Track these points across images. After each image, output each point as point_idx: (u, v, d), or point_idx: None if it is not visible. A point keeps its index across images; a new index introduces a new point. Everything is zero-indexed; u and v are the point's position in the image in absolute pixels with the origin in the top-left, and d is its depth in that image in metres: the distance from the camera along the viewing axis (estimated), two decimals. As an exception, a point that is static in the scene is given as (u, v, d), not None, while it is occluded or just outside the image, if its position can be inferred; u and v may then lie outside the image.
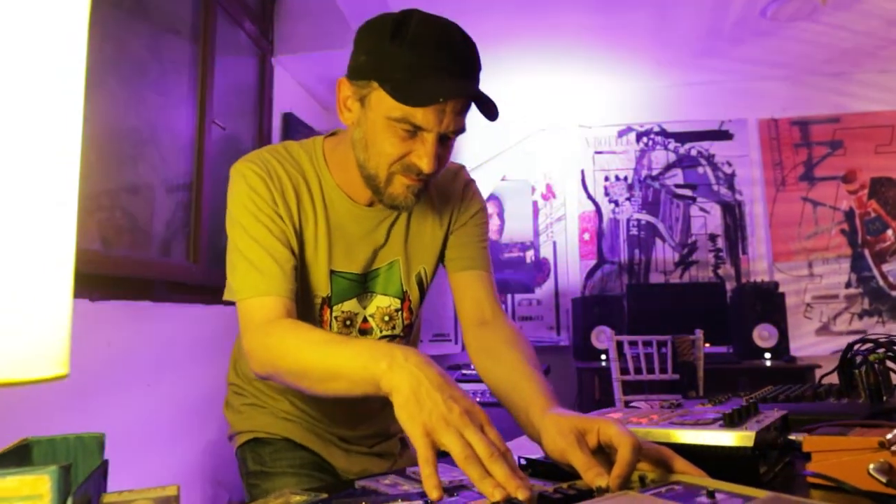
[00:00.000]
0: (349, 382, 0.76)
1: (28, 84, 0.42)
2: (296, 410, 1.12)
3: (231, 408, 1.20)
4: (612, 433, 0.68)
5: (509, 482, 0.60)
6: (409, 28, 0.84)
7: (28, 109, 0.42)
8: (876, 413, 0.93)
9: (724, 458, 0.71)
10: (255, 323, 0.89)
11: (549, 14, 3.17)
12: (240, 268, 0.93)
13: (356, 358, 0.75)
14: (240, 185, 0.95)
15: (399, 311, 1.08)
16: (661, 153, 4.10)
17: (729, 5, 3.09)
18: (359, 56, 0.89)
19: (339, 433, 1.14)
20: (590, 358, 3.52)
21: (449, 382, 0.70)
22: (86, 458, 0.69)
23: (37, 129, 0.42)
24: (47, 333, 0.43)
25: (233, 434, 1.18)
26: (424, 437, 0.64)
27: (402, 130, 0.87)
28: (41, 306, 0.43)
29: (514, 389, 0.86)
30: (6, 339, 0.40)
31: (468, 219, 1.11)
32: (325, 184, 1.01)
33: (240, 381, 1.18)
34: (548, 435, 0.73)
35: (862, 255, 3.88)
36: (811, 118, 3.99)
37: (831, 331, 3.83)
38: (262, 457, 1.11)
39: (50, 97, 0.43)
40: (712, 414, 0.81)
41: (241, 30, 3.19)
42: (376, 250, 1.05)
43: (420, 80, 0.83)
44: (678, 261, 4.02)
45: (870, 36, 3.45)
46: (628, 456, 0.65)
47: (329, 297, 1.02)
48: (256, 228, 0.93)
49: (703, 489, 0.59)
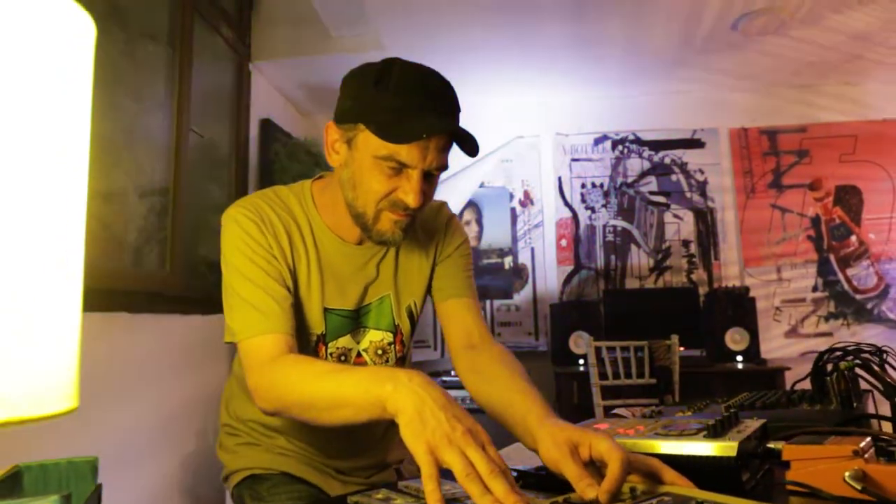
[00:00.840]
0: (355, 408, 0.79)
1: (40, 96, 0.43)
2: (291, 445, 1.14)
3: (225, 449, 1.21)
4: (603, 448, 0.71)
5: (508, 498, 0.63)
6: (392, 75, 0.90)
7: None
8: (847, 420, 0.98)
9: (709, 468, 0.75)
10: (259, 361, 0.91)
11: (526, 26, 3.22)
12: (238, 309, 0.94)
13: (360, 383, 0.78)
14: (233, 230, 0.98)
15: (392, 345, 1.12)
16: (635, 161, 4.18)
17: (701, 19, 3.18)
18: (345, 102, 0.95)
19: (335, 465, 1.16)
20: (568, 363, 3.57)
21: (451, 402, 0.73)
22: (78, 484, 0.68)
23: (47, 166, 0.43)
24: (58, 366, 0.44)
25: (228, 474, 1.19)
26: (428, 454, 0.67)
27: (388, 168, 0.91)
28: (51, 339, 0.44)
29: (510, 405, 0.89)
30: (18, 375, 0.41)
31: (453, 250, 1.15)
32: (315, 225, 1.05)
33: (233, 422, 1.19)
34: (544, 445, 0.77)
35: (828, 259, 4.01)
36: (779, 128, 4.11)
37: (799, 333, 3.95)
38: (259, 493, 1.12)
39: (59, 113, 0.44)
40: (696, 424, 0.84)
41: (219, 35, 3.17)
42: (367, 286, 1.08)
43: (404, 119, 0.89)
44: (653, 266, 4.10)
45: (834, 50, 3.58)
46: (617, 471, 0.68)
47: (324, 335, 1.05)
48: (252, 270, 0.96)
49: (692, 500, 0.62)
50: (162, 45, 2.70)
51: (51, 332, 0.44)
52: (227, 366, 3.03)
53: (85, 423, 1.91)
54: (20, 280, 0.41)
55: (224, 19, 3.21)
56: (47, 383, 0.44)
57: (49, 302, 0.44)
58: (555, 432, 0.77)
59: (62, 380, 0.46)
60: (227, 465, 1.20)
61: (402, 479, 1.27)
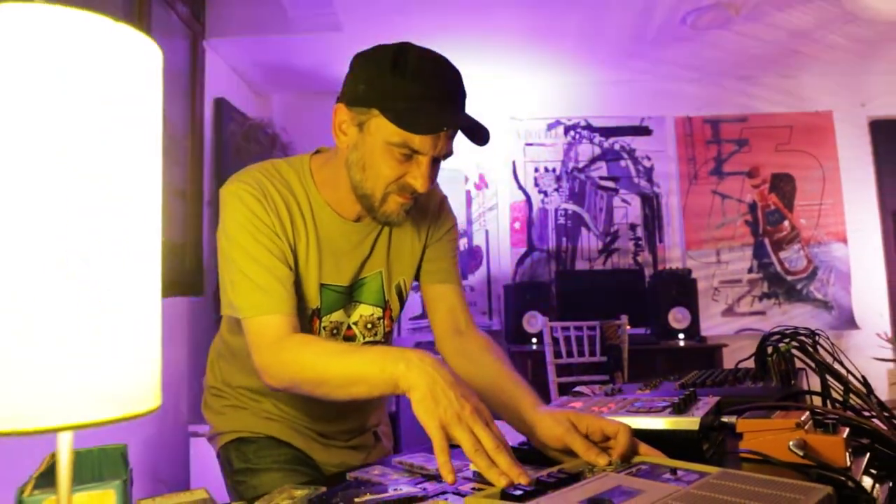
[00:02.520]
0: (368, 385, 0.85)
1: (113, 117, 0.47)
2: (277, 410, 1.18)
3: (210, 409, 1.24)
4: (603, 423, 0.82)
5: (511, 470, 0.71)
6: (408, 61, 0.92)
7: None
8: (787, 395, 1.11)
9: (675, 440, 0.85)
10: (266, 341, 0.95)
11: (484, 13, 3.27)
12: (243, 286, 0.97)
13: (373, 363, 0.84)
14: (236, 206, 0.99)
15: (381, 319, 1.16)
16: (586, 147, 4.32)
17: (653, 12, 3.31)
18: (357, 84, 0.96)
19: (318, 429, 1.21)
20: (521, 342, 3.71)
21: (459, 382, 0.80)
22: (110, 469, 0.72)
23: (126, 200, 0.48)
24: (147, 369, 0.49)
25: (214, 434, 1.22)
26: (440, 429, 0.75)
27: (399, 154, 0.95)
28: (141, 345, 0.49)
29: (501, 391, 0.98)
30: (120, 377, 0.46)
31: (443, 234, 1.20)
32: (314, 201, 1.07)
33: (218, 384, 1.22)
34: (544, 425, 0.86)
35: (763, 243, 4.27)
36: (722, 117, 4.32)
37: (735, 312, 4.21)
38: (246, 455, 1.16)
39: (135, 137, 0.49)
40: (661, 402, 0.95)
41: (173, 11, 3.09)
42: (362, 262, 1.12)
43: (422, 110, 0.92)
44: (601, 248, 4.28)
45: (774, 45, 3.78)
46: (626, 439, 0.79)
47: (319, 309, 1.09)
48: (257, 249, 0.98)
49: (666, 468, 0.72)
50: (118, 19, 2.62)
51: (143, 343, 0.49)
52: (188, 349, 3.02)
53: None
54: (136, 304, 0.46)
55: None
56: (145, 385, 0.49)
57: (142, 316, 0.49)
58: (554, 414, 0.87)
59: (153, 383, 0.51)
60: (213, 426, 1.23)
61: (378, 441, 1.33)
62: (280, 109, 4.27)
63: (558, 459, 0.86)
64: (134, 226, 0.48)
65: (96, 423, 0.46)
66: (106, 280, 0.46)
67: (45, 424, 0.44)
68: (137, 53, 0.50)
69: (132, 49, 0.49)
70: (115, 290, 0.47)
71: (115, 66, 0.48)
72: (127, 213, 0.48)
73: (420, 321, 3.98)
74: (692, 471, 0.70)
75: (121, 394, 0.47)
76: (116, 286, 0.47)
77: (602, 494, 0.62)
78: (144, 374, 0.49)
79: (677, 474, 0.69)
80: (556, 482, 0.68)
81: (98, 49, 0.47)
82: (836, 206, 4.27)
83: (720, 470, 0.69)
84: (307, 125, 4.21)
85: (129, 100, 0.49)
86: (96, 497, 0.58)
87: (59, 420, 0.44)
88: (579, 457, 0.80)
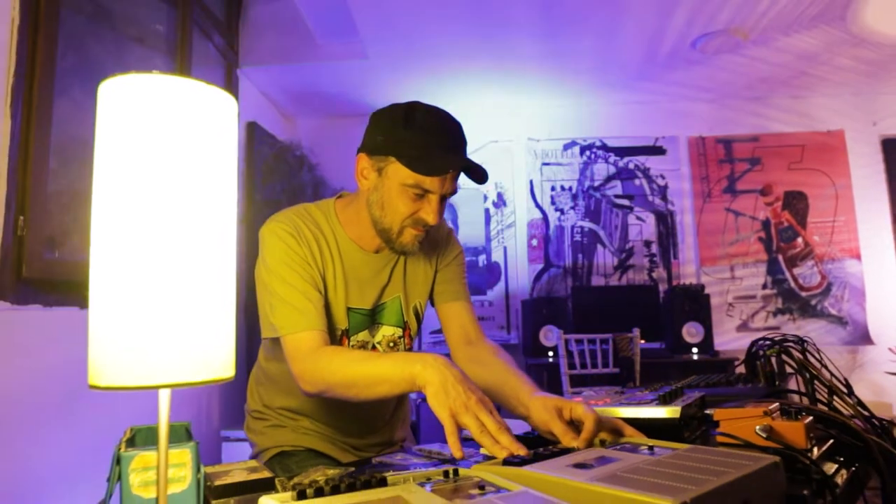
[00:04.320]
0: (391, 384, 1.01)
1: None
2: (314, 426, 1.34)
3: (253, 431, 1.39)
4: (580, 411, 0.95)
5: (512, 446, 0.86)
6: (417, 116, 1.11)
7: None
8: (770, 393, 1.23)
9: (659, 426, 0.98)
10: (302, 353, 1.11)
11: (503, 40, 3.45)
12: (281, 309, 1.14)
13: (395, 365, 1.00)
14: (274, 242, 1.17)
15: (401, 338, 1.33)
16: (602, 166, 4.45)
17: (663, 37, 3.45)
18: (375, 137, 1.15)
19: (350, 442, 1.36)
20: (538, 355, 3.82)
21: (466, 378, 0.95)
22: (177, 439, 0.87)
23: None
24: (225, 346, 0.65)
25: (259, 452, 1.37)
26: (450, 417, 0.90)
27: (413, 194, 1.13)
28: (222, 328, 0.64)
29: (504, 384, 1.14)
30: (213, 351, 0.62)
31: (451, 259, 1.38)
32: (339, 237, 1.25)
33: (259, 408, 1.38)
34: (535, 410, 1.00)
35: (776, 260, 4.35)
36: (734, 137, 4.43)
37: (749, 327, 4.28)
38: (289, 465, 1.30)
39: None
40: (650, 395, 1.07)
41: (210, 42, 3.31)
42: (382, 288, 1.29)
43: (431, 156, 1.10)
44: (617, 265, 4.39)
45: (784, 67, 3.90)
46: (591, 426, 0.92)
47: (347, 330, 1.25)
48: (293, 276, 1.15)
49: (645, 446, 0.85)
50: (161, 53, 2.84)
51: (224, 325, 0.64)
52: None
53: (114, 401, 2.07)
54: (218, 296, 0.61)
55: (216, 27, 3.35)
56: (224, 358, 0.64)
57: (224, 307, 0.64)
58: (544, 401, 1.00)
59: (230, 358, 0.66)
60: (257, 445, 1.39)
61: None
62: (306, 132, 4.48)
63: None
64: (222, 242, 0.64)
65: (188, 384, 0.61)
66: (201, 280, 0.62)
67: (146, 381, 0.59)
68: (222, 106, 0.66)
69: (218, 102, 0.65)
70: (207, 287, 0.62)
71: (207, 116, 0.64)
72: (220, 230, 0.63)
73: (439, 335, 4.12)
74: (667, 448, 0.83)
75: (208, 362, 0.62)
76: (208, 285, 0.62)
77: (585, 461, 0.76)
78: (224, 349, 0.64)
79: (654, 450, 0.82)
80: (550, 454, 0.81)
81: (195, 104, 0.63)
82: (849, 223, 4.33)
83: (690, 446, 0.82)
84: (333, 147, 4.42)
85: (217, 138, 0.65)
86: (177, 454, 0.73)
87: (161, 380, 0.60)
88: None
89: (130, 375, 0.58)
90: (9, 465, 1.74)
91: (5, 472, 1.73)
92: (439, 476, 0.71)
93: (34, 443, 1.83)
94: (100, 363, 0.59)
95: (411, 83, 4.01)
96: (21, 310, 1.82)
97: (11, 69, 1.83)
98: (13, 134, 1.81)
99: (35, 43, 1.91)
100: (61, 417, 1.94)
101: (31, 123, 1.88)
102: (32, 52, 1.90)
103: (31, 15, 1.90)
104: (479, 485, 0.67)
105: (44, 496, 1.85)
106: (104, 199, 0.61)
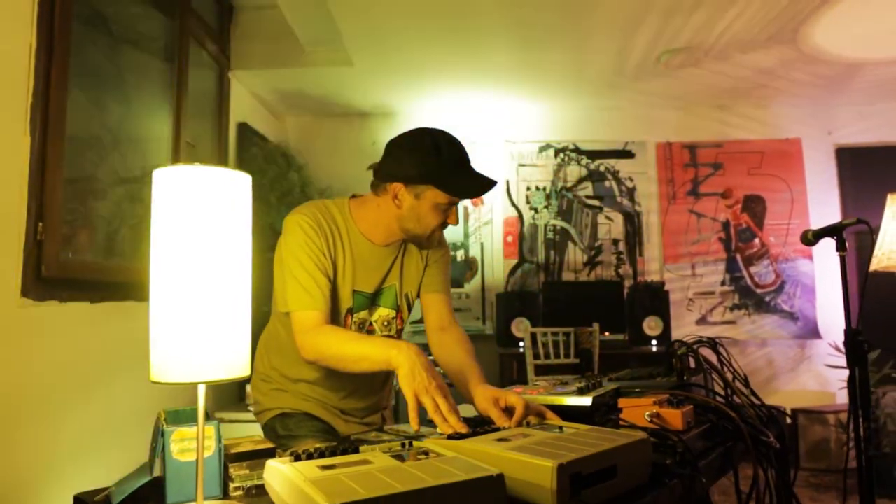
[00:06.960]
0: (371, 362, 1.28)
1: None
2: (310, 392, 1.59)
3: (258, 390, 1.64)
4: (512, 399, 1.22)
5: (457, 425, 1.13)
6: (442, 148, 1.38)
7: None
8: (675, 386, 1.51)
9: (575, 412, 1.25)
10: (306, 328, 1.37)
11: (481, 51, 3.68)
12: (293, 288, 1.39)
13: (376, 348, 1.28)
14: (296, 230, 1.42)
15: (394, 319, 1.60)
16: (574, 168, 4.72)
17: (630, 53, 3.71)
18: (410, 168, 1.39)
19: (340, 407, 1.61)
20: (510, 345, 4.10)
21: (431, 367, 1.23)
22: (194, 420, 1.12)
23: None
24: (244, 351, 0.90)
25: (261, 410, 1.62)
26: (413, 397, 1.17)
27: (444, 208, 1.42)
28: (240, 336, 0.90)
29: (459, 372, 1.41)
30: (235, 357, 0.87)
31: (439, 257, 1.65)
32: (351, 230, 1.50)
33: (268, 371, 1.62)
34: (478, 398, 1.28)
35: (735, 259, 4.66)
36: (699, 143, 4.72)
37: (708, 321, 4.60)
38: (288, 425, 1.55)
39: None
40: (574, 387, 1.35)
41: (204, 49, 3.51)
42: (383, 277, 1.55)
43: (462, 181, 1.39)
44: (586, 261, 4.67)
45: (744, 80, 4.18)
46: (520, 411, 1.19)
47: (351, 308, 1.51)
48: (308, 262, 1.40)
49: (557, 426, 1.12)
50: (157, 58, 3.04)
51: (242, 339, 0.89)
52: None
53: (109, 397, 2.31)
54: (239, 316, 0.87)
55: (208, 34, 3.55)
56: (243, 360, 0.90)
57: (243, 325, 0.89)
58: (485, 391, 1.28)
59: (247, 360, 0.91)
60: (260, 404, 1.63)
61: (384, 422, 1.74)
62: (294, 130, 4.71)
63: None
64: (241, 276, 0.89)
65: (218, 381, 0.87)
66: (228, 306, 0.87)
67: (192, 379, 0.85)
68: (240, 182, 0.91)
69: (238, 180, 0.90)
70: (232, 311, 0.88)
71: (231, 190, 0.89)
72: (240, 269, 0.89)
73: (420, 325, 4.39)
74: (573, 428, 1.10)
75: (231, 364, 0.87)
76: (233, 309, 0.88)
77: (507, 437, 1.02)
78: (242, 353, 0.89)
79: (562, 430, 1.09)
80: (484, 432, 1.08)
81: (225, 183, 0.88)
82: (803, 225, 4.64)
83: (591, 427, 1.09)
84: (319, 144, 4.65)
85: (237, 204, 0.90)
86: (206, 430, 0.98)
87: (198, 377, 0.85)
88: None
89: (180, 374, 0.84)
90: (32, 441, 1.98)
91: (29, 444, 1.97)
92: (398, 447, 0.98)
93: (54, 421, 2.08)
94: (160, 366, 0.84)
95: (395, 88, 4.24)
96: (41, 305, 2.05)
97: (30, 90, 2.04)
98: (33, 150, 2.03)
99: (50, 63, 2.12)
100: (75, 400, 2.19)
101: (47, 138, 2.09)
102: (47, 73, 2.11)
103: (45, 36, 2.10)
104: (424, 452, 0.93)
105: (63, 472, 2.10)
106: (161, 252, 0.86)
